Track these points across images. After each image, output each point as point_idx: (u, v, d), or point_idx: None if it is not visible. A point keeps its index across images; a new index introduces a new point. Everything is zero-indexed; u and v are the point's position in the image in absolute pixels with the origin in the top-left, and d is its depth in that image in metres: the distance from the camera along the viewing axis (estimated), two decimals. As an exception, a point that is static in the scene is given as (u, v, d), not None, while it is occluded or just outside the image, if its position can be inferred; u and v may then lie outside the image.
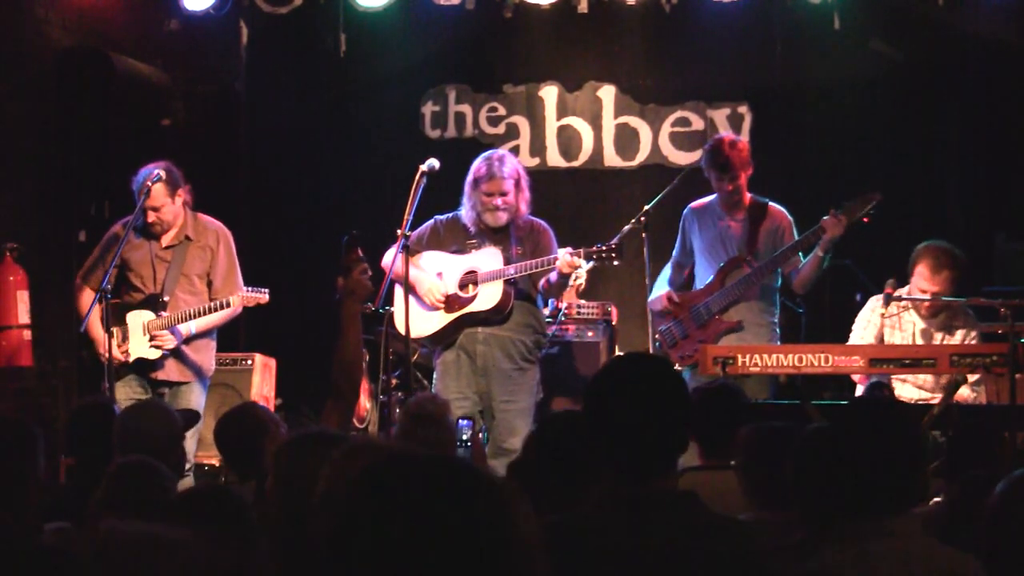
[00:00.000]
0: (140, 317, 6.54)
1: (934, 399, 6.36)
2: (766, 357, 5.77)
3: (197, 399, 6.60)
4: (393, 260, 6.40)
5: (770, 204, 6.89)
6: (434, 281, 6.52)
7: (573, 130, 8.90)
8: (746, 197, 6.84)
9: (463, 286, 6.52)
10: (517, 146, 8.82)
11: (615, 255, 6.23)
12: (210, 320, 6.60)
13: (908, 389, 6.62)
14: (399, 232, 6.22)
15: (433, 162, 6.35)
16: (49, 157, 7.81)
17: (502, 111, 8.93)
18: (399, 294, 6.42)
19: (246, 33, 8.91)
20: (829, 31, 8.23)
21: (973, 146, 8.46)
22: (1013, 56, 8.29)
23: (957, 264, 6.46)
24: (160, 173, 6.46)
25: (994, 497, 2.61)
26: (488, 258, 6.48)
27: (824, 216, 6.49)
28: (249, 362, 7.87)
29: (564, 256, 6.21)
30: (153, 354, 6.50)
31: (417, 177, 6.28)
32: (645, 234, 6.79)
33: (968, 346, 6.26)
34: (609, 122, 8.87)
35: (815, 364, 5.77)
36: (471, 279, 6.50)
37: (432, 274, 6.55)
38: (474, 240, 6.55)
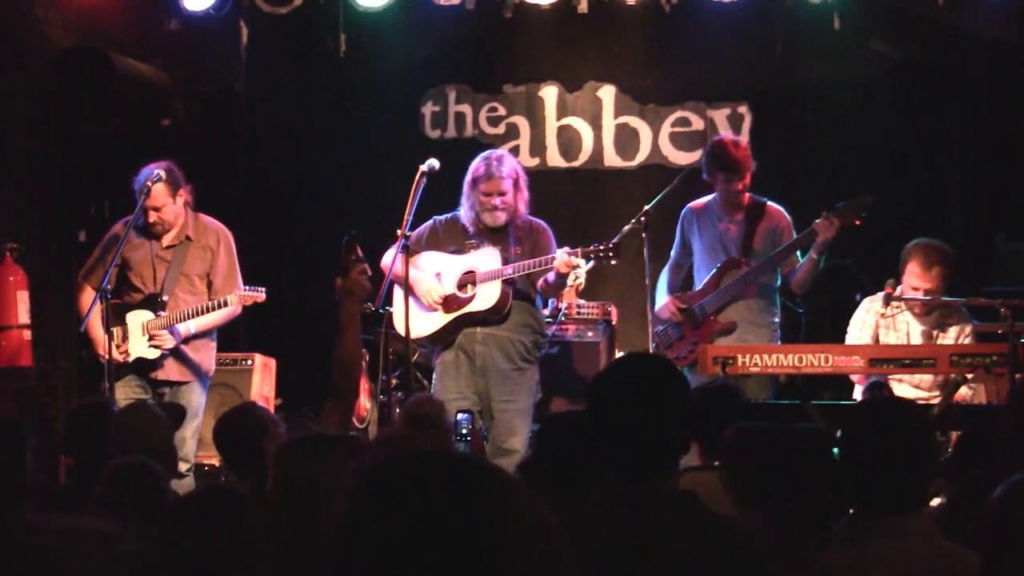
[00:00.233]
0: (139, 317, 6.54)
1: (931, 399, 6.37)
2: (766, 357, 5.78)
3: (197, 399, 6.60)
4: (393, 260, 6.40)
5: (768, 204, 6.90)
6: (433, 281, 6.51)
7: (573, 130, 8.89)
8: (745, 197, 6.85)
9: (461, 286, 6.51)
10: (517, 146, 8.81)
11: (613, 255, 6.22)
12: (210, 320, 6.59)
13: (905, 389, 6.62)
14: (399, 232, 6.22)
15: (433, 162, 6.35)
16: (49, 157, 7.81)
17: (502, 111, 8.93)
18: (399, 294, 6.42)
19: (246, 33, 8.91)
20: (829, 31, 8.23)
21: (973, 146, 8.45)
22: (1013, 56, 8.29)
23: (948, 260, 6.47)
24: (160, 173, 6.46)
25: (994, 499, 2.61)
26: (486, 258, 6.48)
27: (816, 219, 6.51)
28: (249, 362, 7.87)
29: (562, 256, 6.20)
30: (152, 354, 6.50)
31: (417, 177, 6.28)
32: (645, 234, 6.78)
33: (968, 346, 6.26)
34: (609, 122, 8.86)
35: (815, 364, 5.77)
36: (469, 279, 6.50)
37: (431, 274, 6.54)
38: (473, 240, 6.54)
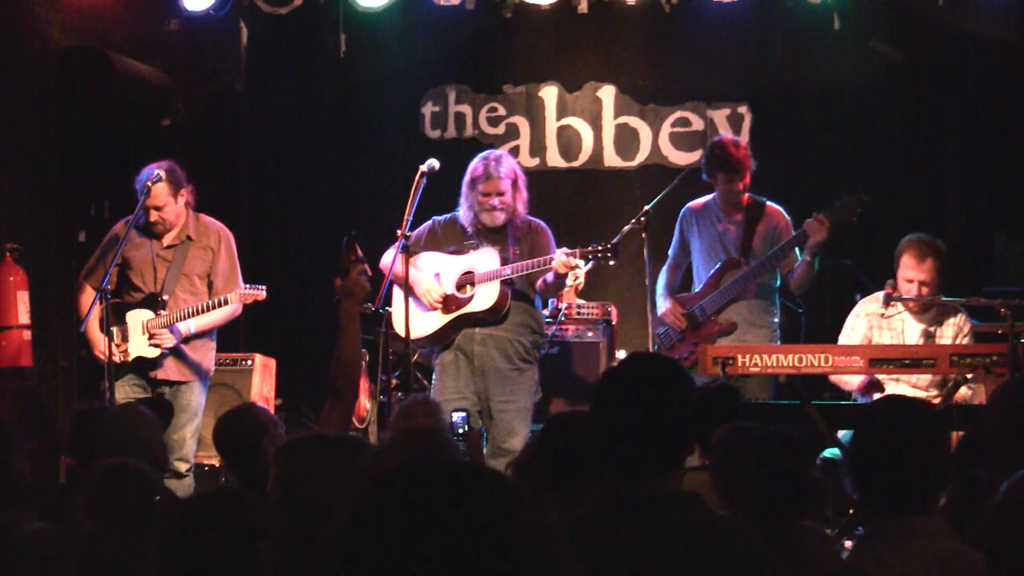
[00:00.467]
0: (139, 316, 6.54)
1: (930, 399, 6.36)
2: (766, 357, 5.77)
3: (197, 399, 6.60)
4: (392, 260, 6.40)
5: (768, 204, 6.90)
6: (432, 282, 6.51)
7: (573, 130, 8.89)
8: (745, 197, 6.86)
9: (460, 287, 6.51)
10: (517, 146, 8.81)
11: (611, 255, 6.22)
12: (210, 319, 6.59)
13: (903, 388, 6.62)
14: (399, 232, 6.21)
15: (433, 162, 6.34)
16: (49, 157, 7.81)
17: (502, 111, 8.92)
18: (398, 294, 6.42)
19: (246, 33, 8.91)
20: (829, 31, 8.23)
21: (973, 146, 8.46)
22: (1013, 56, 8.28)
23: (939, 253, 6.47)
24: (161, 173, 6.46)
25: (997, 498, 2.61)
26: (485, 258, 6.47)
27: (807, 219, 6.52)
28: (249, 362, 7.87)
29: (560, 257, 6.19)
30: (152, 352, 6.50)
31: (417, 177, 6.27)
32: (645, 234, 6.77)
33: (968, 346, 6.26)
34: (609, 122, 8.86)
35: (815, 364, 5.77)
36: (468, 280, 6.49)
37: (430, 274, 6.54)
38: (472, 240, 6.54)
